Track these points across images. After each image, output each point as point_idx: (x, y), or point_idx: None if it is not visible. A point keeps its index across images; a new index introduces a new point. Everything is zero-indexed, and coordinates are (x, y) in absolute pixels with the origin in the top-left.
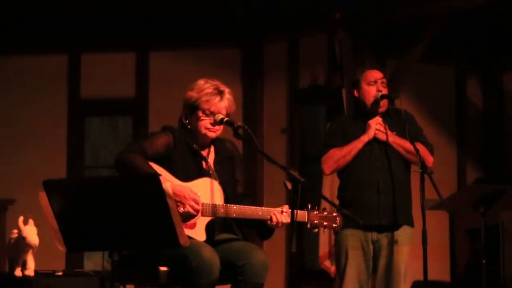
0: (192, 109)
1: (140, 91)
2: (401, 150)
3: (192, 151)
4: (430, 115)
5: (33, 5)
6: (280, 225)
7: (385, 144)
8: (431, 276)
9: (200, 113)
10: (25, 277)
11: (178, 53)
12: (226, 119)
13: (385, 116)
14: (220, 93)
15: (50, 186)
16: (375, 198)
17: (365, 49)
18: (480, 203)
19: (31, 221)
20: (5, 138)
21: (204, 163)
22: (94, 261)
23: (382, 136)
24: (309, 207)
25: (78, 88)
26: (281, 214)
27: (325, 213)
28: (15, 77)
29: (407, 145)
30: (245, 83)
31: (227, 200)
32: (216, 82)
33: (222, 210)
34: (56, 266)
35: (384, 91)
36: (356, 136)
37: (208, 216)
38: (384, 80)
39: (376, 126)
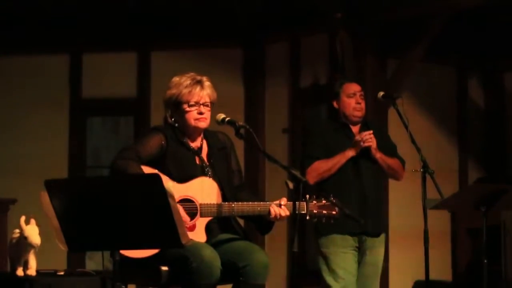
0: (175, 106)
1: (141, 91)
2: (384, 165)
3: (184, 148)
4: (431, 114)
5: (34, 5)
6: (279, 218)
7: (370, 158)
8: (433, 276)
9: (185, 106)
10: (26, 277)
11: (179, 52)
12: (227, 118)
13: (363, 128)
14: (199, 82)
15: (51, 186)
16: (363, 208)
17: (367, 49)
18: (482, 202)
19: (32, 221)
20: (6, 137)
21: (197, 158)
22: (96, 261)
23: (375, 152)
24: (307, 197)
25: (79, 88)
26: (279, 208)
27: (323, 202)
28: (17, 77)
29: (390, 161)
30: (247, 83)
31: (224, 197)
32: (192, 74)
33: (221, 210)
34: (57, 266)
35: (362, 104)
36: (339, 148)
37: (207, 216)
38: (362, 93)
39: (370, 143)
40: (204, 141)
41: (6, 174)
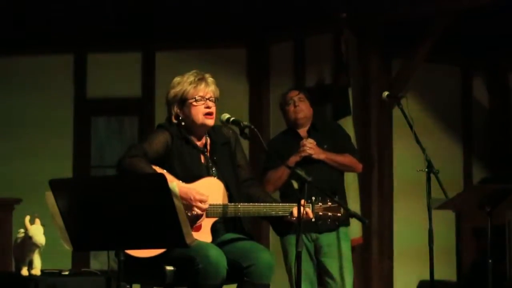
0: (181, 103)
1: (146, 91)
2: (335, 164)
3: (189, 146)
4: (436, 114)
5: (38, 5)
6: (304, 217)
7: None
8: (437, 276)
9: (192, 101)
10: (31, 277)
11: (184, 52)
12: (232, 118)
13: (312, 130)
14: (203, 79)
15: (56, 186)
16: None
17: (371, 49)
18: (487, 202)
19: (37, 221)
20: (11, 138)
21: (202, 157)
22: (101, 261)
23: (318, 157)
24: (313, 199)
25: (84, 87)
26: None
27: (328, 204)
28: (21, 77)
29: (339, 158)
30: (251, 83)
31: (230, 197)
32: (193, 71)
33: (227, 210)
34: (62, 266)
35: (301, 105)
36: (289, 152)
37: (213, 217)
38: (301, 96)
39: (310, 151)
40: (208, 138)
41: (11, 173)
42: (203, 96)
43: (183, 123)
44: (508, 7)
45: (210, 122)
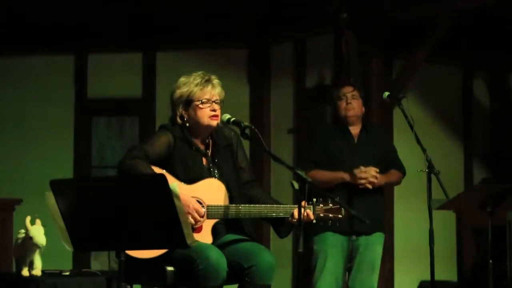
0: (187, 104)
1: (147, 91)
2: (383, 184)
3: (192, 148)
4: (437, 115)
5: (40, 5)
6: (305, 219)
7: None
8: (438, 276)
9: (198, 103)
10: (32, 277)
11: (185, 53)
12: (233, 119)
13: (363, 132)
14: (210, 80)
15: (57, 186)
16: (357, 208)
17: (372, 49)
18: (487, 203)
19: (38, 221)
20: (12, 138)
21: (204, 159)
22: (101, 261)
23: (379, 184)
24: (314, 201)
25: (84, 88)
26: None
27: (330, 205)
28: (22, 77)
29: (393, 179)
30: (252, 83)
31: (231, 198)
32: (200, 72)
33: (228, 211)
34: (63, 266)
35: (354, 103)
36: (337, 151)
37: (214, 218)
38: (355, 93)
39: (373, 180)
40: (211, 140)
41: (12, 174)
42: (209, 99)
43: (187, 124)
44: (509, 7)
45: (215, 123)
